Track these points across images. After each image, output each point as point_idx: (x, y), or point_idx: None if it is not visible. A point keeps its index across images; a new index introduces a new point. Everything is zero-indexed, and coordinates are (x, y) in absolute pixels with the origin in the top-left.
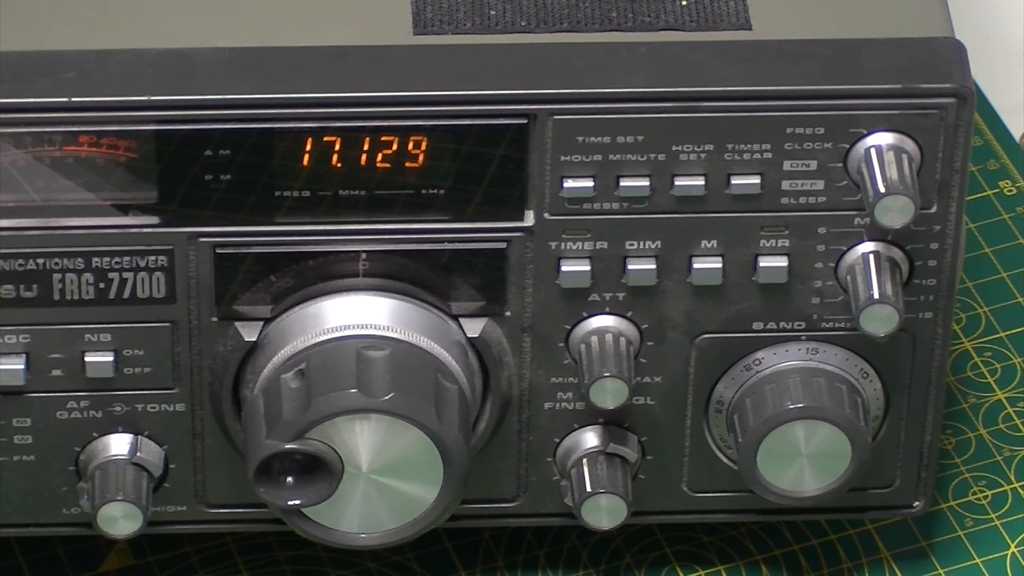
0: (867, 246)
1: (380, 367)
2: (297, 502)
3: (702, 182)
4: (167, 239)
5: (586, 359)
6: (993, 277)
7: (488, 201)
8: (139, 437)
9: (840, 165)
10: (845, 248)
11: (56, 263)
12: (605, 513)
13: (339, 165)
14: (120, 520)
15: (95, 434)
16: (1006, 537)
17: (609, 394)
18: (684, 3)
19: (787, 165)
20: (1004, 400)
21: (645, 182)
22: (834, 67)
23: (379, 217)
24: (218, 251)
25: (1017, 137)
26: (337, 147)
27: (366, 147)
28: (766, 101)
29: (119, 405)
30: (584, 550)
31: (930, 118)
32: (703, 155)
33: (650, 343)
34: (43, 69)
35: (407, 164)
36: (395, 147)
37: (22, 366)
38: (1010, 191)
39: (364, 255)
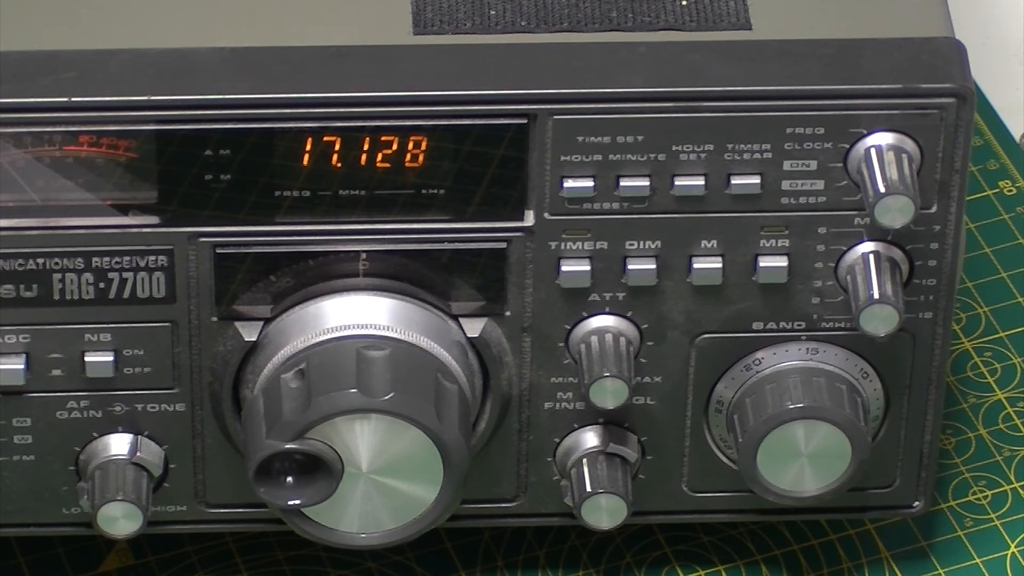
0: (867, 246)
1: (380, 367)
2: (297, 502)
3: (702, 182)
4: (167, 239)
5: (586, 359)
6: (993, 277)
7: (488, 201)
8: (139, 437)
9: (840, 165)
10: (845, 248)
11: (56, 263)
12: (605, 513)
13: (339, 165)
14: (120, 520)
15: (95, 434)
16: (1006, 537)
17: (609, 394)
18: (684, 3)
19: (787, 165)
20: (1004, 400)
21: (645, 182)
22: (834, 67)
23: (379, 217)
24: (218, 251)
25: (1017, 137)
26: (337, 147)
27: (366, 147)
28: (766, 101)
29: (119, 405)
30: (584, 550)
31: (930, 118)
32: (703, 155)
33: (650, 343)
34: (43, 69)
35: (407, 164)
36: (395, 147)
37: (22, 366)
38: (1010, 191)
39: (364, 255)
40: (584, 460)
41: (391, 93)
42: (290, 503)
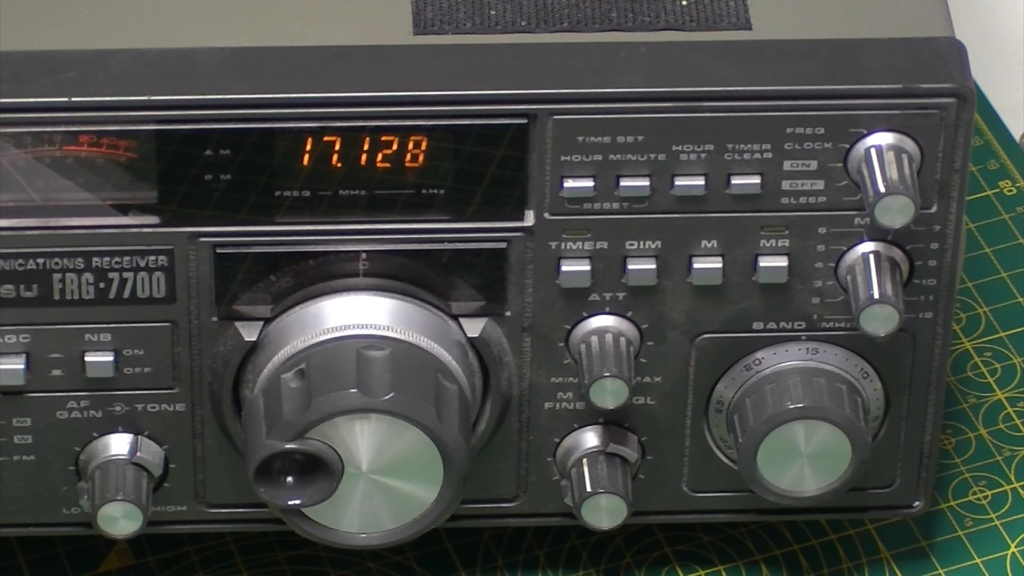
0: (867, 246)
1: (380, 367)
2: (297, 502)
3: (702, 182)
4: (167, 239)
5: (586, 359)
6: (993, 277)
7: (488, 201)
8: (139, 437)
9: (840, 165)
10: (845, 248)
11: (56, 263)
12: (605, 513)
13: (339, 165)
14: (120, 520)
15: (95, 434)
16: (1006, 537)
17: (609, 394)
18: (684, 3)
19: (787, 165)
20: (1004, 400)
21: (645, 182)
22: (834, 67)
23: (379, 217)
24: (218, 251)
25: (1017, 137)
26: (337, 147)
27: (366, 147)
28: (766, 101)
29: (119, 405)
30: (584, 550)
31: (930, 118)
32: (703, 155)
33: (650, 343)
34: (43, 69)
35: (407, 164)
36: (395, 147)
37: (22, 366)
38: (1010, 191)
39: (364, 255)
40: (584, 460)
41: (391, 93)
42: (290, 503)
